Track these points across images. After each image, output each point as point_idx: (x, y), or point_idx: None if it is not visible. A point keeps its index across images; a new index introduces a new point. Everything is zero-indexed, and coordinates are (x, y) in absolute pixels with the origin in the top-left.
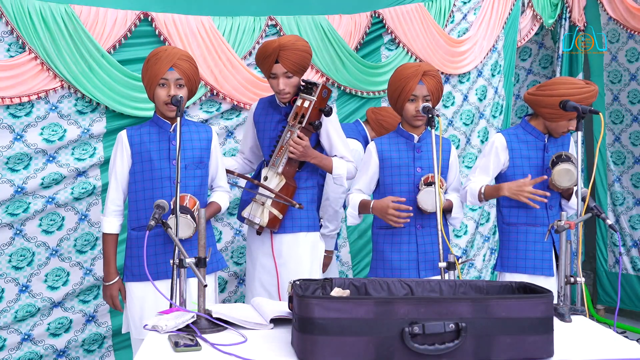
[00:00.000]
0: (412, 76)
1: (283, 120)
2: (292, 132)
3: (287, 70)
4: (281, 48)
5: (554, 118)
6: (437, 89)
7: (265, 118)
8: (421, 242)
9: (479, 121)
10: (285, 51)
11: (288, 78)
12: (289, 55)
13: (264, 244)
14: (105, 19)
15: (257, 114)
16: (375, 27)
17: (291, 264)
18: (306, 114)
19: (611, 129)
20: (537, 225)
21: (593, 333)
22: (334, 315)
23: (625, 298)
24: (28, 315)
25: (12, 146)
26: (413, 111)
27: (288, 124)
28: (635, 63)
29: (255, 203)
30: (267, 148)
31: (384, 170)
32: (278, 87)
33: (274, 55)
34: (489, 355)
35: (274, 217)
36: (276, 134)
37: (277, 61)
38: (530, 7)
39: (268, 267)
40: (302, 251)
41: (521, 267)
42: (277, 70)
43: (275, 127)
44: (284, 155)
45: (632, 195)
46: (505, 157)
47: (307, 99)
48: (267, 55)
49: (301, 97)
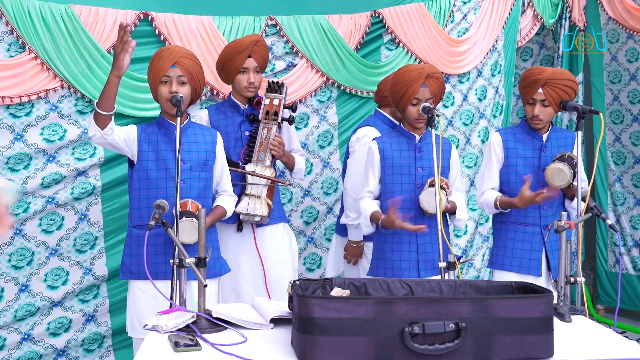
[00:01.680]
0: (415, 79)
1: (245, 120)
2: (268, 129)
3: (257, 65)
4: (255, 43)
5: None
6: (439, 90)
7: (225, 122)
8: (421, 242)
9: (479, 121)
10: (258, 46)
11: (257, 73)
12: (260, 50)
13: (244, 239)
14: (105, 19)
15: (214, 118)
16: (375, 27)
17: (275, 256)
18: (279, 111)
19: (611, 129)
20: (527, 224)
21: (593, 333)
22: (334, 315)
23: (625, 298)
24: (28, 314)
25: (12, 146)
26: (416, 114)
27: (262, 122)
28: (635, 63)
29: (250, 197)
30: (233, 149)
31: (384, 170)
32: (249, 80)
33: (248, 49)
34: (489, 355)
35: (270, 207)
36: (240, 135)
37: (249, 56)
38: (530, 7)
39: (251, 264)
40: (283, 242)
41: (507, 265)
42: (249, 65)
43: (239, 128)
44: (268, 151)
45: (633, 195)
46: (502, 155)
47: (276, 97)
48: (242, 50)
49: (267, 96)
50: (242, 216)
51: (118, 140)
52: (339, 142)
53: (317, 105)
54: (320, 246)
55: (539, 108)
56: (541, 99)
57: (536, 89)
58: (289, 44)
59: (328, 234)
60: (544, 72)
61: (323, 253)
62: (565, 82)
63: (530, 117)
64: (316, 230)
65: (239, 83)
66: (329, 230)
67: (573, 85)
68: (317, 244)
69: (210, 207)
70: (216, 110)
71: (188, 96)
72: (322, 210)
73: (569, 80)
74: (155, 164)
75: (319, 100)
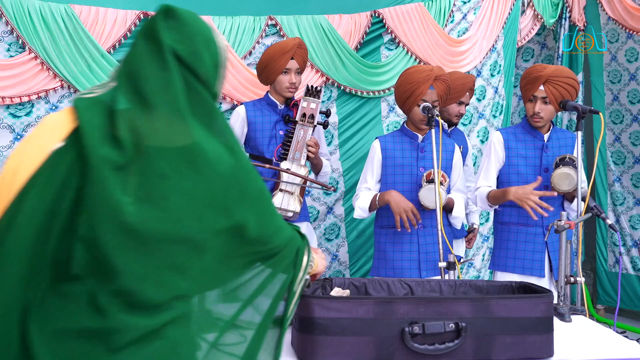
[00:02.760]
0: (424, 81)
1: (280, 120)
2: (305, 130)
3: (298, 67)
4: (298, 46)
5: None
6: (446, 93)
7: (262, 119)
8: (422, 242)
9: (479, 121)
10: (301, 49)
11: (298, 74)
12: (302, 53)
13: None
14: (105, 19)
15: (251, 115)
16: (375, 27)
17: None
18: (315, 115)
19: (611, 129)
20: (529, 225)
21: (593, 333)
22: (334, 315)
23: (625, 298)
24: None
25: (13, 146)
26: (421, 115)
27: (299, 123)
28: (635, 63)
29: (285, 193)
30: (267, 145)
31: (386, 169)
32: (290, 80)
33: (292, 51)
34: (489, 354)
35: (301, 204)
36: (275, 133)
37: (292, 58)
38: (531, 6)
39: None
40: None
41: (511, 266)
42: (291, 66)
43: (274, 126)
44: (304, 150)
45: (633, 195)
46: (503, 154)
47: (313, 101)
48: (286, 51)
49: (305, 99)
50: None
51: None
52: (339, 142)
53: None
54: (320, 246)
55: (540, 105)
56: (542, 96)
57: (538, 85)
58: None
59: (328, 234)
60: (546, 69)
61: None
62: (567, 80)
63: (531, 114)
64: (316, 230)
65: (281, 83)
66: (329, 230)
67: (574, 83)
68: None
69: None
70: (253, 107)
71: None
72: (322, 210)
73: (571, 78)
74: None
75: None
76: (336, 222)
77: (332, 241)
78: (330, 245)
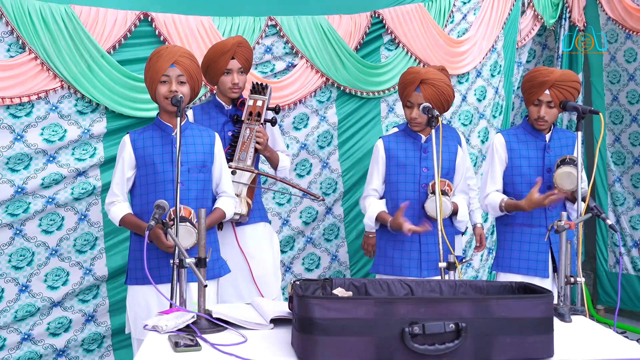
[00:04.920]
0: (409, 82)
1: (228, 121)
2: (251, 129)
3: (241, 66)
4: (238, 45)
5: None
6: (436, 97)
7: (209, 122)
8: (424, 242)
9: (479, 121)
10: (241, 48)
11: (241, 74)
12: (244, 52)
13: (225, 238)
14: (105, 19)
15: (198, 119)
16: (375, 27)
17: (256, 254)
18: (262, 112)
19: (611, 129)
20: (533, 225)
21: (593, 333)
22: (334, 316)
23: (625, 298)
24: (28, 315)
25: (13, 146)
26: (408, 116)
27: (244, 122)
28: (634, 63)
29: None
30: None
31: (389, 169)
32: (233, 81)
33: (232, 50)
34: (489, 355)
35: (249, 205)
36: (223, 135)
37: (232, 57)
38: (531, 7)
39: (234, 262)
40: (263, 241)
41: (515, 267)
42: (232, 66)
43: (222, 128)
44: (250, 149)
45: (633, 196)
46: (505, 156)
47: (259, 99)
48: (225, 51)
49: (251, 97)
50: None
51: (133, 178)
52: (338, 143)
53: (316, 105)
54: (319, 246)
55: (545, 109)
56: (547, 100)
57: (544, 90)
58: (289, 45)
59: (327, 234)
60: (552, 74)
61: (322, 253)
62: (572, 84)
63: (536, 118)
64: (315, 231)
65: (223, 84)
66: (328, 230)
67: (578, 86)
68: (315, 244)
69: (210, 209)
70: (201, 111)
71: (187, 95)
72: (321, 210)
73: (576, 82)
74: (153, 168)
75: (319, 100)
76: (335, 223)
77: (331, 241)
78: (330, 246)
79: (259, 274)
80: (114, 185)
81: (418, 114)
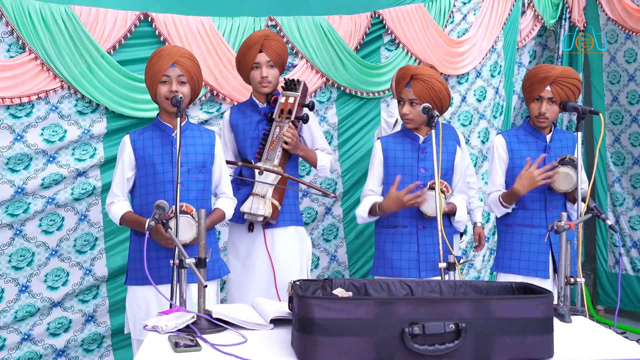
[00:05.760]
0: (400, 79)
1: (263, 119)
2: (281, 127)
3: (270, 59)
4: (265, 37)
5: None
6: (427, 93)
7: (243, 120)
8: (422, 243)
9: (479, 122)
10: (269, 40)
11: (270, 68)
12: (272, 44)
13: (255, 240)
14: (105, 19)
15: (234, 118)
16: (375, 28)
17: (281, 258)
18: (293, 109)
19: (611, 130)
20: (533, 226)
21: (593, 333)
22: (334, 316)
23: (625, 298)
24: (28, 315)
25: (13, 147)
26: (400, 112)
27: (275, 120)
28: (634, 64)
29: (255, 196)
30: (249, 148)
31: (387, 169)
32: (262, 75)
33: (258, 44)
34: (489, 355)
35: (275, 207)
36: (257, 134)
37: (260, 51)
38: (531, 7)
39: (261, 265)
40: (292, 245)
41: (516, 267)
42: (260, 59)
43: (256, 127)
44: (278, 149)
45: (632, 196)
46: (506, 157)
47: (291, 95)
48: (252, 45)
49: (283, 94)
50: (246, 215)
51: (133, 178)
52: (338, 143)
53: (317, 106)
54: (319, 247)
55: (546, 106)
56: (549, 96)
57: (545, 86)
58: (289, 45)
59: (326, 235)
60: (554, 70)
61: (321, 253)
62: (573, 81)
63: (537, 114)
64: (314, 231)
65: (253, 79)
66: (327, 230)
67: (579, 84)
68: (315, 245)
69: (210, 210)
70: (237, 110)
71: (187, 96)
72: (320, 211)
73: (577, 79)
74: (153, 169)
75: (319, 101)
76: (334, 223)
77: (330, 242)
78: (329, 246)
79: (282, 279)
80: (114, 185)
81: (409, 109)
